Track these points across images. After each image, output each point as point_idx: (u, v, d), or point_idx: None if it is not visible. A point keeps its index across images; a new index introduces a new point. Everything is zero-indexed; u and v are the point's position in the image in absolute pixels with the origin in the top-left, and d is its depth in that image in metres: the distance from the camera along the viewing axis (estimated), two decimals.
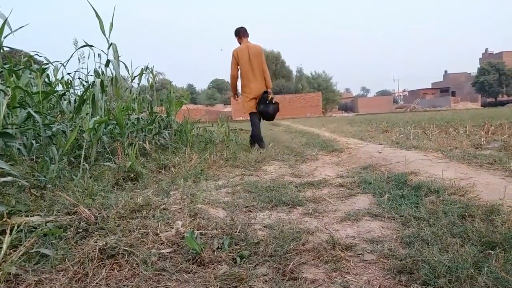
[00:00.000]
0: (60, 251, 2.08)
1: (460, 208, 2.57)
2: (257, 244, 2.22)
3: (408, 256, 1.90)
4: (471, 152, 5.02)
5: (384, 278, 1.77)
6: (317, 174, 4.63)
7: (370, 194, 3.39)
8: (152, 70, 7.93)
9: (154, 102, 7.69)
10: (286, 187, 3.78)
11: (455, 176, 3.50)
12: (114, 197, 3.17)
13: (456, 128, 8.71)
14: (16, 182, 3.15)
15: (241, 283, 1.75)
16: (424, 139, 6.98)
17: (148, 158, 5.42)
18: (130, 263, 1.97)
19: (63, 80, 6.96)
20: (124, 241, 2.15)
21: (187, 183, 3.95)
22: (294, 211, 3.02)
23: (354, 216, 2.77)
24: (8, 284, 1.79)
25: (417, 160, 4.62)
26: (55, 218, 2.53)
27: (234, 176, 4.65)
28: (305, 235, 2.35)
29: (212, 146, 7.10)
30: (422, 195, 3.05)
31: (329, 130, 12.02)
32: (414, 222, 2.46)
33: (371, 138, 8.02)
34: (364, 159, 5.26)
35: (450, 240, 2.05)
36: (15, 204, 2.71)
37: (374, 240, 2.25)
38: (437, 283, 1.61)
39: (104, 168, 4.29)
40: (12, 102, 4.03)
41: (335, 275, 1.83)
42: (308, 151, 6.78)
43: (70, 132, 4.55)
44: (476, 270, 1.69)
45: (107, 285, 1.78)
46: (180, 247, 2.18)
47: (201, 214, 2.82)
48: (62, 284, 1.78)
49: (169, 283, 1.82)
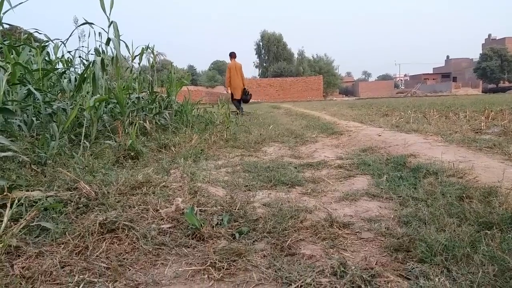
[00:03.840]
0: (61, 225, 2.10)
1: (458, 189, 2.58)
2: (256, 221, 2.24)
3: (405, 235, 1.92)
4: (470, 136, 5.02)
5: (380, 255, 1.79)
6: (317, 155, 4.64)
7: (369, 176, 3.40)
8: (152, 49, 7.86)
9: (154, 82, 7.65)
10: (286, 168, 3.79)
11: (454, 159, 3.51)
12: (114, 174, 3.18)
13: (456, 113, 8.68)
14: (17, 157, 3.16)
15: (239, 257, 1.78)
16: (424, 123, 6.97)
17: (149, 137, 5.42)
18: (130, 237, 1.99)
19: (63, 59, 6.90)
20: (124, 216, 2.16)
21: (187, 162, 3.96)
22: (293, 191, 3.04)
23: (352, 196, 2.79)
24: (9, 256, 1.81)
25: (416, 143, 4.63)
26: (55, 193, 2.54)
27: (234, 157, 4.66)
28: (303, 213, 2.37)
29: (212, 127, 7.10)
30: (420, 176, 3.07)
31: (329, 113, 11.99)
32: (412, 202, 2.48)
33: (371, 121, 8.01)
34: (363, 142, 5.27)
35: (447, 220, 2.06)
36: (16, 179, 2.72)
37: (371, 219, 2.27)
38: (433, 261, 1.63)
39: (104, 146, 4.30)
40: (12, 78, 4.01)
41: (333, 251, 1.85)
42: (308, 133, 6.78)
43: (71, 110, 4.54)
44: (473, 249, 1.70)
45: (107, 258, 1.80)
46: (180, 222, 2.20)
47: (201, 192, 2.83)
48: (62, 257, 1.80)
49: (168, 257, 1.85)
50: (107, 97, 5.05)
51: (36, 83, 4.83)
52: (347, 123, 7.82)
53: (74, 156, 3.65)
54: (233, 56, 11.84)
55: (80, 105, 4.72)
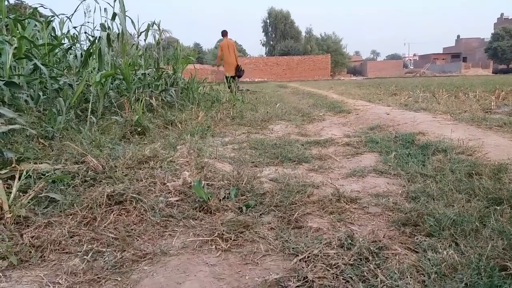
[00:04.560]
0: (69, 197, 2.11)
1: (468, 166, 2.55)
2: (263, 195, 2.24)
3: (413, 210, 1.91)
4: (480, 115, 4.95)
5: (388, 229, 1.78)
6: (324, 133, 4.62)
7: (377, 153, 3.38)
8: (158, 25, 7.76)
9: (160, 59, 7.58)
10: (292, 145, 3.78)
11: (464, 137, 3.47)
12: (121, 149, 3.19)
13: (465, 93, 8.55)
14: (24, 131, 3.16)
15: (247, 229, 1.78)
16: (433, 103, 6.88)
17: (155, 114, 5.41)
18: (137, 209, 2.00)
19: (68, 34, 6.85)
20: (132, 188, 2.17)
21: (194, 139, 3.95)
22: (300, 167, 3.03)
23: (360, 172, 2.77)
24: (18, 226, 1.83)
25: (425, 122, 4.57)
26: (63, 166, 2.55)
27: (241, 134, 4.65)
28: (310, 188, 2.36)
29: (219, 105, 7.06)
30: (429, 154, 3.04)
31: (337, 92, 11.87)
32: (420, 178, 2.46)
33: (380, 100, 7.92)
34: (371, 120, 5.22)
35: (456, 196, 2.05)
36: (24, 152, 2.74)
37: (379, 194, 2.26)
38: (441, 235, 1.62)
39: (111, 121, 4.30)
40: (18, 52, 3.98)
41: (340, 225, 1.85)
42: (315, 111, 6.73)
43: (77, 85, 4.52)
44: (482, 224, 1.69)
45: (115, 228, 1.82)
46: (187, 196, 2.21)
47: (208, 167, 2.83)
48: (71, 227, 1.82)
49: (176, 228, 1.86)
50: (113, 72, 5.02)
51: (42, 58, 4.80)
52: (355, 102, 7.74)
53: (81, 131, 3.66)
54: (225, 34, 11.79)
55: (86, 81, 4.70)
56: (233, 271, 1.46)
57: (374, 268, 1.36)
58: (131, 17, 6.37)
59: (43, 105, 4.27)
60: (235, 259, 1.55)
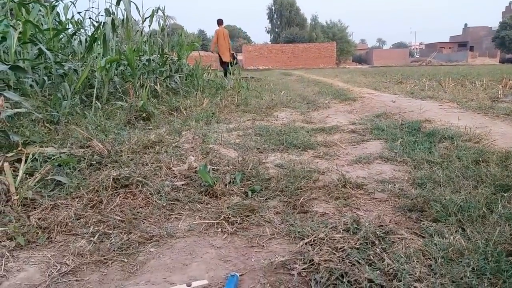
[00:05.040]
0: (75, 180, 2.12)
1: (475, 153, 2.53)
2: (268, 180, 2.24)
3: (420, 196, 1.90)
4: (487, 103, 4.90)
5: (394, 215, 1.78)
6: (329, 121, 4.59)
7: (383, 140, 3.36)
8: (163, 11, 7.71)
9: (165, 45, 7.54)
10: (298, 132, 3.76)
11: (471, 125, 3.44)
12: (126, 134, 3.19)
13: (472, 82, 8.47)
14: (30, 115, 3.17)
15: (252, 213, 1.78)
16: (439, 91, 6.82)
17: (159, 100, 5.40)
18: (143, 192, 2.01)
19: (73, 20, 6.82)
20: (138, 172, 2.18)
21: (199, 125, 3.95)
22: (305, 154, 3.02)
23: (366, 159, 2.76)
24: (25, 208, 1.85)
25: (432, 109, 4.54)
26: (69, 150, 2.56)
27: (245, 121, 4.63)
28: (315, 174, 2.36)
29: (223, 92, 7.03)
30: (435, 141, 3.02)
31: (342, 80, 11.79)
32: (426, 165, 2.45)
33: (385, 88, 7.86)
34: (377, 108, 5.18)
35: (463, 183, 2.04)
36: (30, 135, 2.74)
37: (385, 181, 2.25)
38: (448, 221, 1.61)
39: (116, 106, 4.29)
40: (23, 36, 3.97)
41: (345, 210, 1.84)
42: (320, 99, 6.69)
43: (82, 71, 4.51)
44: (488, 210, 1.68)
45: (121, 211, 1.82)
46: (193, 180, 2.21)
47: (213, 153, 2.83)
48: (77, 209, 1.83)
49: (182, 211, 1.86)
50: (118, 57, 5.00)
51: (47, 43, 4.79)
52: (360, 90, 7.69)
53: (86, 115, 3.66)
54: (221, 23, 12.19)
55: (91, 66, 4.69)
56: (239, 254, 1.46)
57: (381, 252, 1.36)
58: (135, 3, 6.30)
59: (48, 90, 4.27)
60: (241, 242, 1.56)
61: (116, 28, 5.94)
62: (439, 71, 15.98)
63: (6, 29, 3.64)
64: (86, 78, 4.60)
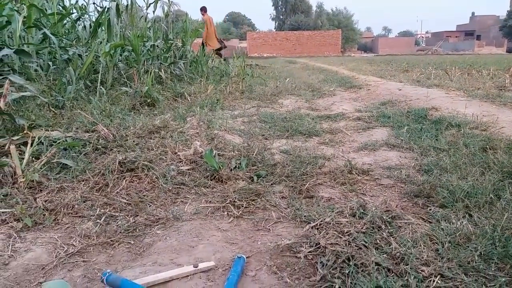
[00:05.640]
0: (81, 164, 2.13)
1: (482, 141, 2.52)
2: (273, 166, 2.23)
3: (426, 182, 1.90)
4: (494, 92, 4.85)
5: (400, 200, 1.77)
6: (334, 108, 4.56)
7: (389, 127, 3.34)
8: None
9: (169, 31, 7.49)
10: (303, 119, 3.74)
11: (478, 113, 3.41)
12: (131, 119, 3.19)
13: (479, 71, 8.38)
14: (35, 99, 3.17)
15: (258, 197, 1.78)
16: (445, 80, 6.76)
17: (164, 86, 5.38)
18: (149, 176, 2.01)
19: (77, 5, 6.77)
20: (143, 157, 2.17)
21: (204, 111, 3.93)
22: (311, 141, 3.01)
23: (372, 146, 2.75)
24: (31, 190, 1.85)
25: (438, 97, 4.50)
26: (74, 134, 2.56)
27: (250, 107, 4.61)
28: (321, 160, 2.35)
29: (228, 79, 7.00)
30: (442, 128, 3.00)
31: (347, 68, 11.71)
32: (433, 152, 2.43)
33: (391, 76, 7.80)
34: (383, 95, 5.14)
35: (470, 169, 2.02)
36: (35, 119, 2.74)
37: (391, 167, 2.24)
38: (455, 206, 1.61)
39: (120, 92, 4.28)
40: (28, 21, 3.94)
41: (351, 195, 1.84)
42: (325, 87, 6.64)
43: (86, 56, 4.49)
44: (496, 197, 1.67)
45: (127, 194, 1.83)
46: (198, 165, 2.21)
47: (218, 139, 2.82)
48: (83, 192, 1.83)
49: (188, 195, 1.86)
50: (123, 43, 4.97)
51: (52, 27, 4.76)
52: (366, 78, 7.63)
53: (91, 100, 3.65)
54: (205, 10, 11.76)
55: (95, 51, 4.66)
56: (245, 236, 1.47)
57: (387, 236, 1.36)
58: None
59: (52, 75, 4.26)
60: (247, 225, 1.56)
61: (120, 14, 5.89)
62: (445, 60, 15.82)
63: (11, 12, 3.62)
64: (91, 64, 4.59)
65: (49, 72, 4.23)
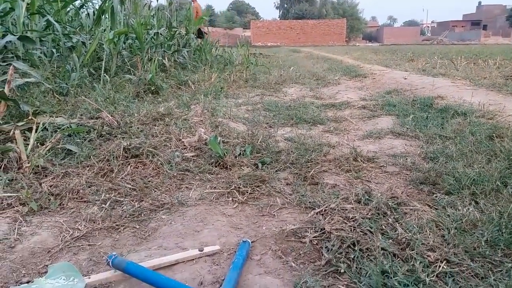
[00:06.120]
0: (85, 150, 2.13)
1: (488, 129, 2.49)
2: (278, 153, 2.23)
3: (432, 169, 1.88)
4: (501, 81, 4.80)
5: (406, 187, 1.76)
6: (339, 97, 4.53)
7: (394, 116, 3.31)
8: None
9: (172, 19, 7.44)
10: (307, 107, 3.72)
11: (484, 102, 3.37)
12: (135, 106, 3.18)
13: (485, 60, 8.28)
14: (39, 86, 3.16)
15: (263, 183, 1.78)
16: (451, 69, 6.69)
17: (167, 74, 5.36)
18: (154, 162, 2.01)
19: None
20: (148, 143, 2.17)
21: (208, 99, 3.92)
22: (315, 129, 2.99)
23: (377, 134, 2.73)
24: (37, 176, 1.86)
25: (444, 86, 4.46)
26: (78, 120, 2.56)
27: (254, 96, 4.59)
28: (326, 148, 2.34)
29: (232, 67, 6.96)
30: (448, 117, 2.97)
31: (352, 57, 11.62)
32: (439, 140, 2.41)
33: (397, 65, 7.73)
34: (388, 84, 5.10)
35: (476, 157, 2.01)
36: (40, 105, 2.74)
37: (396, 155, 2.23)
38: (461, 193, 1.60)
39: (124, 79, 4.27)
40: (31, 7, 3.92)
41: (357, 182, 1.83)
42: (330, 75, 6.60)
43: (90, 44, 4.47)
44: (502, 184, 1.66)
45: (132, 180, 1.83)
46: (203, 152, 2.20)
47: (222, 126, 2.82)
48: (88, 177, 1.83)
49: (192, 181, 1.86)
50: (127, 30, 4.94)
51: (55, 14, 4.73)
52: (371, 67, 7.57)
53: (95, 88, 3.64)
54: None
55: (99, 39, 4.64)
56: (250, 222, 1.47)
57: (393, 222, 1.35)
58: None
59: (56, 63, 4.25)
60: (252, 211, 1.56)
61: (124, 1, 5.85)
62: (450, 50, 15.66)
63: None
64: (94, 51, 4.57)
65: (52, 59, 4.22)
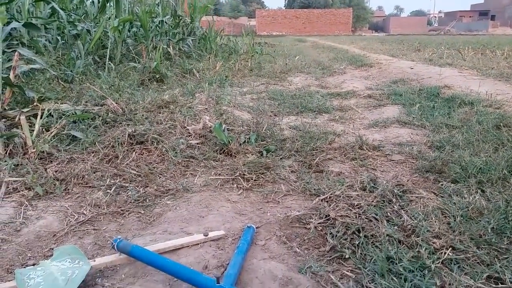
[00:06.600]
0: (90, 136, 2.13)
1: (495, 118, 2.47)
2: (283, 141, 2.22)
3: (438, 158, 1.87)
4: (508, 72, 4.74)
5: (412, 175, 1.75)
6: (345, 86, 4.50)
7: (400, 105, 3.29)
8: None
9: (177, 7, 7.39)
10: (313, 96, 3.70)
11: (491, 91, 3.34)
12: (140, 94, 3.18)
13: (493, 51, 8.18)
14: (44, 73, 3.16)
15: (268, 170, 1.78)
16: (458, 59, 6.62)
17: (172, 62, 5.34)
18: (159, 149, 2.01)
19: None
20: (153, 130, 2.17)
21: (212, 87, 3.91)
22: (320, 117, 2.98)
23: (382, 123, 2.71)
24: (42, 161, 1.86)
25: (451, 76, 4.41)
26: (83, 107, 2.55)
27: (259, 85, 4.57)
28: (331, 136, 2.33)
29: (237, 56, 6.93)
30: (455, 106, 2.95)
31: (358, 47, 11.51)
32: (445, 129, 2.40)
33: (403, 55, 7.66)
34: (394, 74, 5.06)
35: (483, 146, 1.99)
36: (45, 92, 2.74)
37: (402, 143, 2.22)
38: (467, 182, 1.59)
39: (129, 67, 4.26)
40: None
41: (362, 170, 1.82)
42: (335, 65, 6.55)
43: (95, 32, 4.45)
44: (509, 173, 1.65)
45: (137, 166, 1.83)
46: (207, 139, 2.20)
47: (227, 114, 2.81)
48: (93, 163, 1.84)
49: (197, 168, 1.86)
50: (131, 17, 4.91)
51: (60, 2, 4.71)
52: (377, 56, 7.51)
53: (100, 75, 3.64)
54: None
55: (104, 27, 4.62)
56: (254, 208, 1.46)
57: (398, 209, 1.35)
58: None
59: (61, 50, 4.24)
60: (257, 198, 1.55)
61: None
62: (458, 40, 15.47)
63: None
64: (99, 39, 4.55)
65: (57, 47, 4.21)
